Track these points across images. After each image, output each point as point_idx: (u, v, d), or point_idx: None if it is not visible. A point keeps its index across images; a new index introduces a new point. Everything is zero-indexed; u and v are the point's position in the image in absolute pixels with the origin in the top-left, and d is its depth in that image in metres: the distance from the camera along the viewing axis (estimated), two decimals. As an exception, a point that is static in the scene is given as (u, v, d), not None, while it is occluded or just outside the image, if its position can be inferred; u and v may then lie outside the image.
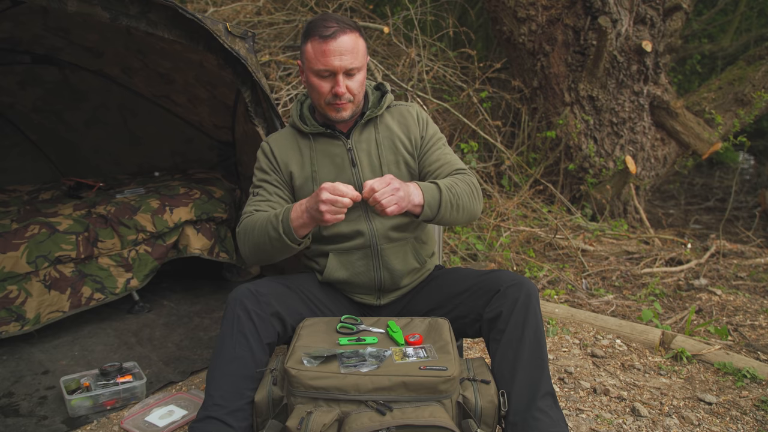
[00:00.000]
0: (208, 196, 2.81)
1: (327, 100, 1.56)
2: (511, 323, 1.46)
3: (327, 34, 1.48)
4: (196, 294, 2.94)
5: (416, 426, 1.26)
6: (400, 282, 1.69)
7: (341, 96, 1.54)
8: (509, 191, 4.44)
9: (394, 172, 1.64)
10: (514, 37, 4.62)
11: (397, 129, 1.67)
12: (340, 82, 1.52)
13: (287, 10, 5.09)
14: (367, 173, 1.64)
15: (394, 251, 1.65)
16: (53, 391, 2.00)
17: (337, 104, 1.56)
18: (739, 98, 4.56)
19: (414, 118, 1.70)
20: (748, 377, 2.10)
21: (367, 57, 1.60)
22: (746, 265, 3.66)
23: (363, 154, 1.65)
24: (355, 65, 1.52)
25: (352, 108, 1.60)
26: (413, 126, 1.69)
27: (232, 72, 2.16)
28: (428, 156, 1.68)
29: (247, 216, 1.63)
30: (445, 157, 1.68)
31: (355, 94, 1.57)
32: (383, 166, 1.64)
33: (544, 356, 1.46)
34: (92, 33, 2.58)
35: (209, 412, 1.41)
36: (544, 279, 3.29)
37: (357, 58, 1.52)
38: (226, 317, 1.48)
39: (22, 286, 2.26)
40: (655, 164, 4.69)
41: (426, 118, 1.72)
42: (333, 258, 1.66)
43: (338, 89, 1.53)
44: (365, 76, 1.61)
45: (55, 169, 3.52)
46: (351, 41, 1.51)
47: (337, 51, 1.49)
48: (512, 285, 1.49)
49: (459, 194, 1.55)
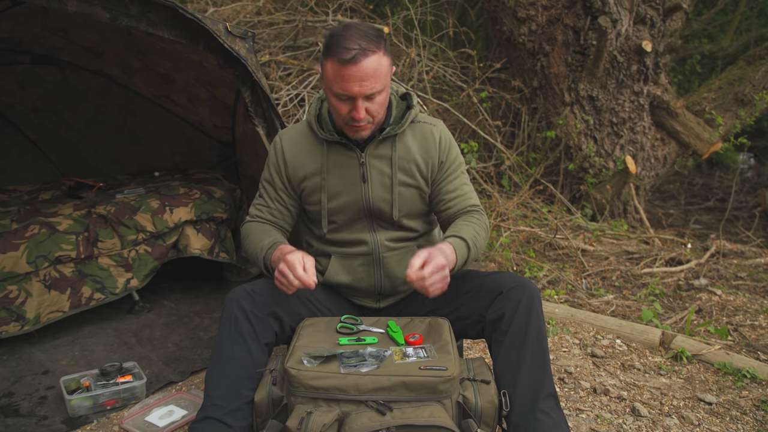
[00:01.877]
0: (208, 196, 2.82)
1: (345, 121, 1.50)
2: (514, 325, 1.46)
3: (347, 58, 1.38)
4: (196, 294, 2.94)
5: (416, 426, 1.26)
6: (400, 287, 1.69)
7: (359, 120, 1.47)
8: (509, 191, 4.44)
9: (404, 194, 1.60)
10: (514, 37, 4.62)
11: (415, 151, 1.60)
12: (359, 107, 1.44)
13: (287, 10, 5.09)
14: (377, 192, 1.59)
15: (395, 259, 1.65)
16: (53, 391, 2.00)
17: (355, 126, 1.50)
18: (739, 98, 4.56)
19: (436, 142, 1.61)
20: (748, 377, 2.10)
21: (392, 70, 1.52)
22: (746, 265, 3.66)
23: (375, 172, 1.59)
24: (376, 89, 1.43)
25: (372, 128, 1.53)
26: (433, 151, 1.61)
27: (232, 72, 2.16)
28: (445, 184, 1.63)
29: (249, 222, 1.68)
30: (462, 189, 1.64)
31: (375, 115, 1.49)
32: (394, 188, 1.59)
33: (547, 358, 1.47)
34: (92, 33, 2.58)
35: (208, 412, 1.42)
36: (544, 279, 3.29)
37: (379, 81, 1.43)
38: (224, 318, 1.48)
39: (22, 286, 2.26)
40: (655, 164, 4.69)
41: (449, 142, 1.64)
42: (335, 261, 1.66)
43: (357, 115, 1.45)
44: (388, 93, 1.53)
45: (55, 169, 3.52)
46: (373, 64, 1.40)
47: (357, 77, 1.39)
48: (515, 287, 1.49)
49: (479, 246, 1.55)
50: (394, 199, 1.60)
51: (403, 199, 1.61)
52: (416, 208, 1.65)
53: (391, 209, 1.60)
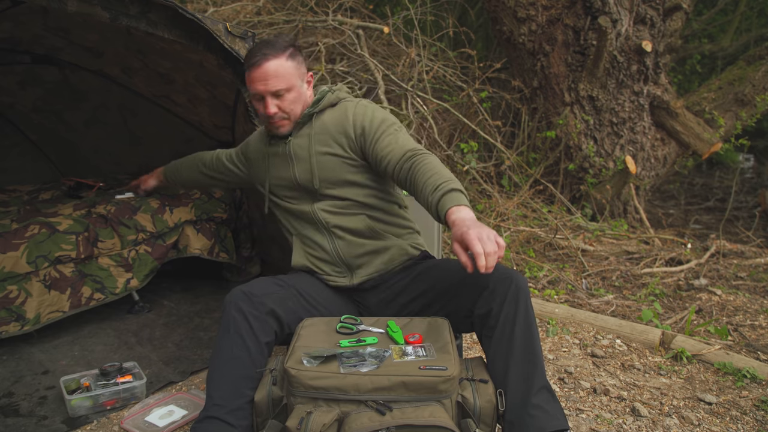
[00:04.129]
0: (208, 196, 2.82)
1: (263, 119, 1.72)
2: (501, 319, 1.44)
3: (253, 62, 1.64)
4: (196, 294, 2.94)
5: (416, 426, 1.26)
6: (359, 251, 1.71)
7: (273, 116, 1.67)
8: (509, 191, 4.44)
9: (323, 162, 1.70)
10: (514, 37, 4.62)
11: (331, 125, 1.72)
12: (268, 104, 1.66)
13: (287, 10, 5.09)
14: (302, 166, 1.73)
15: (343, 221, 1.72)
16: (53, 391, 2.00)
17: (273, 123, 1.71)
18: (739, 98, 4.56)
19: (350, 116, 1.70)
20: (748, 377, 2.09)
21: (304, 73, 1.72)
22: (746, 265, 3.66)
23: (298, 149, 1.74)
24: (281, 87, 1.64)
25: (290, 123, 1.72)
26: (348, 124, 1.70)
27: (232, 72, 2.16)
28: (375, 145, 1.65)
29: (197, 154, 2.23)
30: (393, 144, 1.62)
31: (289, 111, 1.69)
32: (312, 157, 1.71)
33: (537, 350, 1.44)
34: (92, 33, 2.58)
35: (209, 412, 1.44)
36: (544, 279, 3.29)
37: (282, 80, 1.64)
38: (222, 320, 1.51)
39: (22, 286, 2.26)
40: (655, 164, 4.69)
41: (363, 113, 1.69)
42: (296, 242, 1.81)
43: (267, 110, 1.66)
44: (300, 93, 1.70)
45: (55, 169, 3.51)
46: (274, 66, 1.63)
47: (262, 77, 1.63)
48: (501, 280, 1.47)
49: (453, 176, 1.49)
50: (313, 168, 1.71)
51: (322, 167, 1.70)
52: (341, 175, 1.70)
53: (312, 178, 1.71)
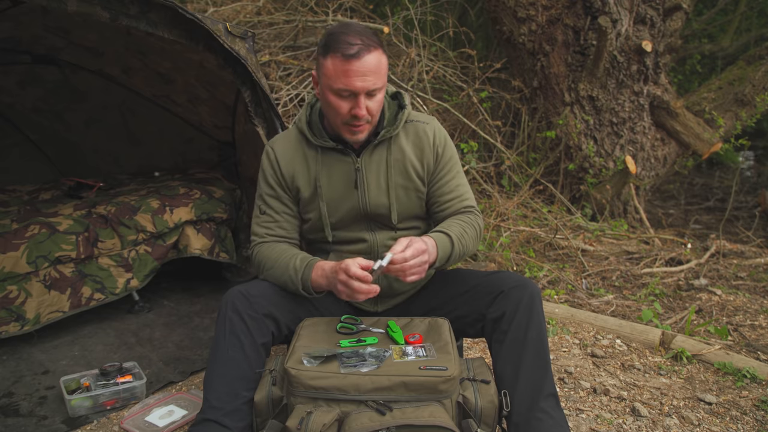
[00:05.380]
0: (209, 196, 2.82)
1: (345, 121, 1.48)
2: (515, 324, 1.46)
3: (350, 53, 1.38)
4: (196, 294, 2.94)
5: (416, 426, 1.26)
6: (399, 289, 1.68)
7: (361, 118, 1.45)
8: (509, 191, 4.44)
9: (401, 196, 1.60)
10: (514, 37, 4.62)
11: (410, 152, 1.59)
12: (361, 104, 1.43)
13: (287, 10, 5.09)
14: (373, 195, 1.59)
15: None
16: (53, 391, 2.00)
17: (355, 126, 1.48)
18: (739, 98, 4.55)
19: (430, 140, 1.60)
20: (748, 377, 2.09)
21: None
22: (746, 265, 3.66)
23: (371, 176, 1.58)
24: (378, 86, 1.44)
25: (369, 128, 1.52)
26: (428, 150, 1.60)
27: (232, 72, 2.16)
28: (441, 185, 1.62)
29: (261, 242, 1.63)
30: (458, 190, 1.63)
31: (374, 114, 1.49)
32: (390, 190, 1.58)
33: (547, 358, 1.46)
34: (92, 33, 2.58)
35: (206, 414, 1.42)
36: (544, 279, 3.29)
37: (380, 77, 1.43)
38: (219, 320, 1.49)
39: (22, 286, 2.26)
40: (655, 164, 4.69)
41: (443, 140, 1.62)
42: (333, 259, 1.65)
43: (359, 111, 1.44)
44: (384, 93, 1.53)
45: (55, 169, 3.52)
46: (375, 60, 1.41)
47: (361, 71, 1.39)
48: (516, 286, 1.49)
49: (466, 244, 1.56)
50: (392, 204, 1.59)
51: (401, 203, 1.61)
52: (415, 211, 1.65)
53: (390, 213, 1.60)
